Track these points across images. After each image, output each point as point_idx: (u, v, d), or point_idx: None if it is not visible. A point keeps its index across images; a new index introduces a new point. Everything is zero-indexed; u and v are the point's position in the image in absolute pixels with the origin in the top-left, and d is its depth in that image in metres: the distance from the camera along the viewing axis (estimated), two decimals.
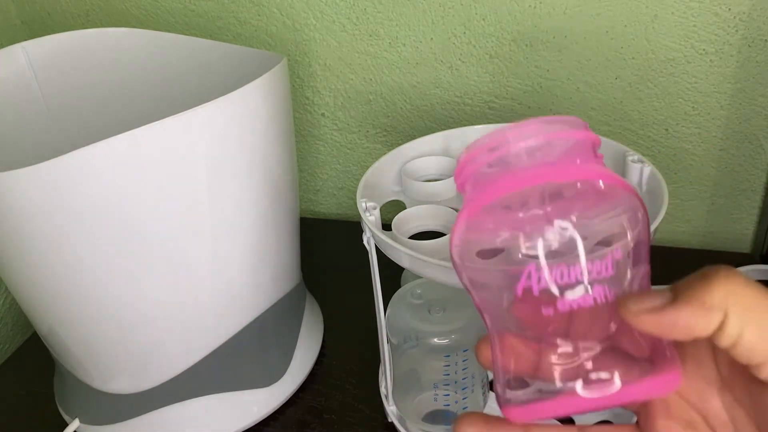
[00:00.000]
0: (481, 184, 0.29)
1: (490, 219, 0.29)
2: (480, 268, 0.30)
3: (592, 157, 0.29)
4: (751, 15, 0.67)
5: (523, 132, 0.28)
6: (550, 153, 0.28)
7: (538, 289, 0.28)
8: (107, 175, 0.45)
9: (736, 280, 0.26)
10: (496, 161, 0.29)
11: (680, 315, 0.26)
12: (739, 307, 0.25)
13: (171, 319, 0.54)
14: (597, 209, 0.28)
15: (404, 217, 0.52)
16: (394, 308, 0.54)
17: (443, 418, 0.56)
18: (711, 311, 0.25)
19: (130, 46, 0.67)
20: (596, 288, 0.28)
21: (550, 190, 0.28)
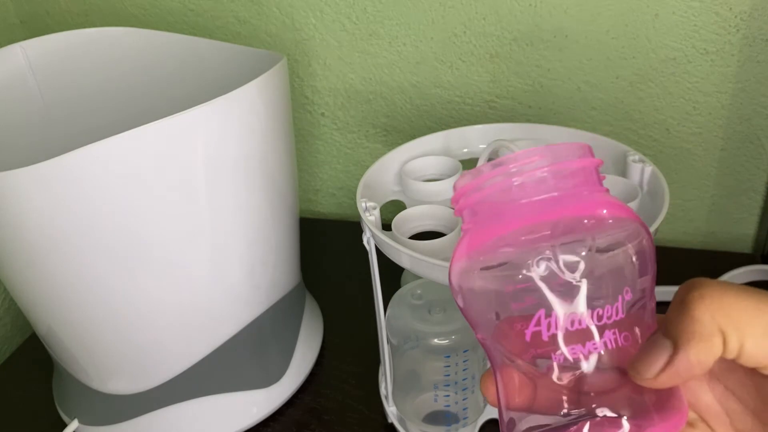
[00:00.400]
0: (483, 217, 0.28)
1: (492, 255, 0.28)
2: (482, 307, 0.29)
3: (596, 184, 0.29)
4: (752, 14, 0.67)
5: (526, 162, 0.27)
6: (554, 183, 0.27)
7: (548, 335, 0.27)
8: (106, 175, 0.45)
9: (712, 293, 0.26)
10: (497, 192, 0.28)
11: (691, 358, 0.25)
12: (728, 320, 0.25)
13: (170, 320, 0.54)
14: (604, 247, 0.27)
15: (404, 217, 0.52)
16: (394, 309, 0.54)
17: (443, 419, 0.56)
18: (712, 339, 0.25)
19: (129, 46, 0.67)
20: (607, 333, 0.27)
21: (555, 226, 0.27)
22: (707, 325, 0.25)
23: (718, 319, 0.25)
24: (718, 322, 0.25)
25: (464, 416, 0.56)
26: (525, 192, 0.27)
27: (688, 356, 0.25)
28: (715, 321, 0.25)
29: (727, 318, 0.25)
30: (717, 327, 0.25)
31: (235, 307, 0.58)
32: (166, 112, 0.46)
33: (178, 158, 0.48)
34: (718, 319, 0.25)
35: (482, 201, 0.28)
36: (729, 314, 0.25)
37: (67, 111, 0.67)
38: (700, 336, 0.25)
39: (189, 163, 0.48)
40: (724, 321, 0.25)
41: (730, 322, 0.25)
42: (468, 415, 0.56)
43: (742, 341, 0.25)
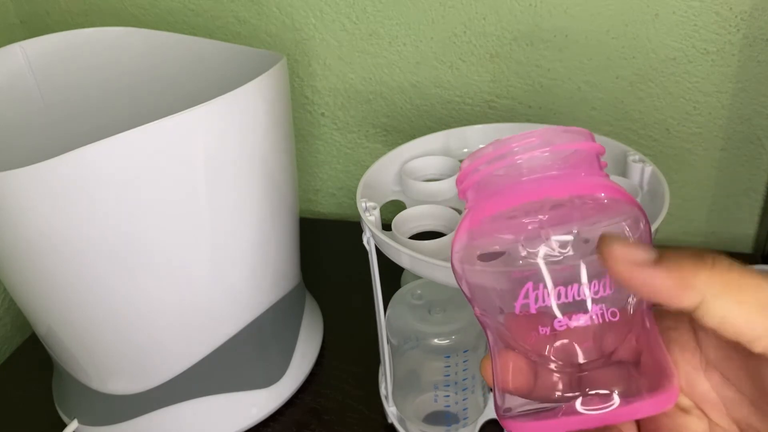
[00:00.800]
0: (484, 194, 0.29)
1: (491, 230, 0.29)
2: (479, 282, 0.30)
3: (596, 168, 0.29)
4: (753, 14, 0.67)
5: (527, 142, 0.28)
6: (554, 164, 0.28)
7: (536, 307, 0.27)
8: (106, 174, 0.45)
9: (722, 264, 0.25)
10: (499, 170, 0.29)
11: (655, 280, 0.25)
12: (722, 289, 0.25)
13: (170, 320, 0.54)
14: (599, 223, 0.28)
15: (404, 217, 0.52)
16: (394, 309, 0.54)
17: (443, 419, 0.56)
18: (687, 290, 0.25)
19: (129, 46, 0.67)
20: (595, 307, 0.27)
21: (552, 204, 0.28)
22: (697, 281, 0.25)
23: (712, 283, 0.25)
24: (710, 285, 0.25)
25: (464, 416, 0.55)
26: (525, 171, 0.28)
27: (654, 277, 0.26)
28: (707, 284, 0.25)
29: (721, 285, 0.25)
30: (704, 289, 0.25)
31: (235, 307, 0.58)
32: (166, 111, 0.46)
33: (178, 158, 0.48)
34: (711, 283, 0.25)
35: (483, 180, 0.29)
36: (726, 283, 0.25)
37: (66, 111, 0.67)
38: (682, 279, 0.25)
39: (189, 163, 0.48)
40: (716, 286, 0.25)
41: (723, 290, 0.25)
42: (468, 415, 0.56)
43: (727, 310, 0.25)
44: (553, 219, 0.27)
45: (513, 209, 0.28)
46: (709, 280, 0.25)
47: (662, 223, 0.46)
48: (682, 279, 0.25)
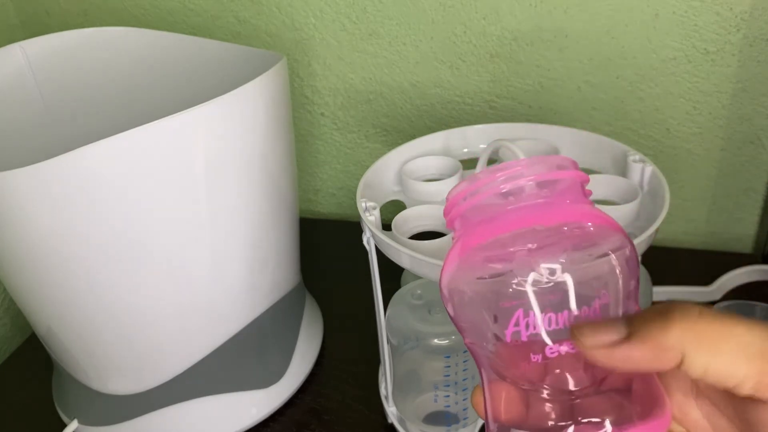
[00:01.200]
0: (472, 223, 0.29)
1: (480, 259, 0.29)
2: (469, 311, 0.30)
3: (581, 196, 0.30)
4: (753, 14, 0.67)
5: (513, 171, 0.29)
6: (540, 192, 0.29)
7: (527, 335, 0.27)
8: (106, 175, 0.45)
9: (690, 316, 0.26)
10: (486, 200, 0.29)
11: (633, 353, 0.26)
12: (698, 343, 0.25)
13: (170, 320, 0.54)
14: (586, 251, 0.28)
15: (404, 217, 0.52)
16: (394, 309, 0.54)
17: (443, 419, 0.56)
18: (667, 351, 0.26)
19: (129, 46, 0.67)
20: None
21: (540, 232, 0.28)
22: (671, 339, 0.26)
23: (686, 338, 0.25)
24: (686, 341, 0.25)
25: (464, 416, 0.55)
26: (512, 199, 0.29)
27: (631, 351, 0.26)
28: (683, 339, 0.25)
29: (697, 338, 0.26)
30: (681, 345, 0.25)
31: (235, 307, 0.58)
32: (166, 111, 0.46)
33: (178, 158, 0.48)
34: (686, 338, 0.25)
35: (470, 209, 0.30)
36: (700, 335, 0.26)
37: (67, 111, 0.67)
38: (658, 344, 0.26)
39: (189, 163, 0.48)
40: (692, 340, 0.25)
41: (700, 343, 0.25)
42: (468, 415, 0.56)
43: (707, 362, 0.25)
44: (542, 247, 0.28)
45: (501, 237, 0.28)
46: (683, 337, 0.25)
47: (662, 223, 0.46)
48: (657, 345, 0.26)
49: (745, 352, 0.25)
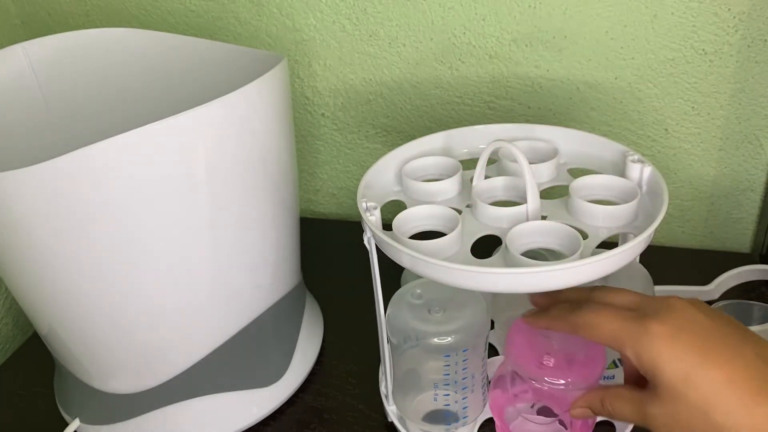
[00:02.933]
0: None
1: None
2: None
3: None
4: (751, 15, 0.67)
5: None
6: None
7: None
8: (107, 175, 0.46)
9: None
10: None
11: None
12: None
13: (171, 319, 0.54)
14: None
15: (404, 217, 0.52)
16: (393, 308, 0.54)
17: (443, 418, 0.56)
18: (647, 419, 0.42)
19: (130, 46, 0.67)
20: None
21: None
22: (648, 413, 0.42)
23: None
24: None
25: (464, 415, 0.56)
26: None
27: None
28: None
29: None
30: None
31: (236, 307, 0.58)
32: (167, 112, 0.46)
33: (178, 158, 0.48)
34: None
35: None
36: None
37: (68, 111, 0.67)
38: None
39: (190, 164, 0.49)
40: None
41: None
42: (468, 414, 0.56)
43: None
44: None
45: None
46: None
47: (661, 222, 0.46)
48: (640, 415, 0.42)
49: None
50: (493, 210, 0.51)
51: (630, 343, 0.40)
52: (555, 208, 0.52)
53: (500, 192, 0.55)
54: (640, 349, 0.40)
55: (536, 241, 0.49)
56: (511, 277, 0.43)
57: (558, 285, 0.44)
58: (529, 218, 0.50)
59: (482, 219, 0.52)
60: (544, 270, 0.43)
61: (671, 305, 0.41)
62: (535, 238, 0.49)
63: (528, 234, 0.49)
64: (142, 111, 0.68)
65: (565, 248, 0.48)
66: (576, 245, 0.46)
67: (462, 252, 0.49)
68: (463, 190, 0.56)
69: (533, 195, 0.50)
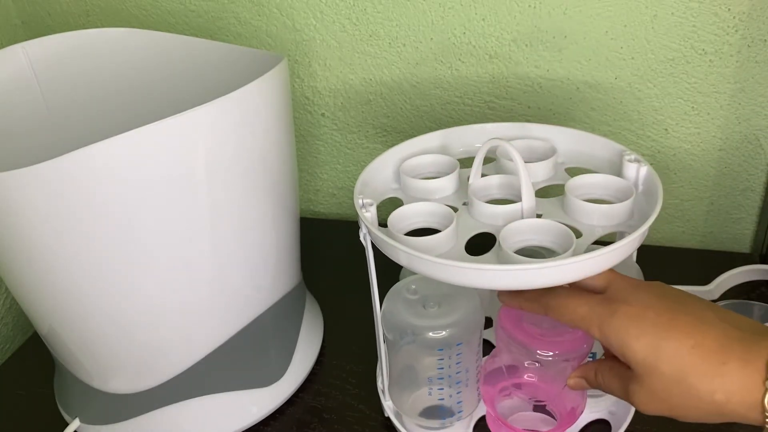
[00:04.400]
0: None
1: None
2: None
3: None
4: (751, 15, 0.67)
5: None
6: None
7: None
8: (107, 175, 0.46)
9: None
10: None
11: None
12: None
13: (171, 319, 0.54)
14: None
15: (400, 214, 0.53)
16: (389, 303, 0.55)
17: (438, 413, 0.56)
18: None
19: (130, 46, 0.67)
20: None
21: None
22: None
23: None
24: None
25: (459, 410, 0.56)
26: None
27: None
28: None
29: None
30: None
31: (236, 307, 0.58)
32: (167, 112, 0.46)
33: (179, 159, 0.48)
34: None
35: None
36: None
37: (68, 111, 0.67)
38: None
39: (190, 164, 0.49)
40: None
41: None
42: (463, 408, 0.56)
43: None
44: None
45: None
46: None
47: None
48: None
49: None
50: (488, 208, 0.51)
51: (597, 324, 0.42)
52: (551, 206, 0.53)
53: (496, 190, 0.56)
54: (608, 329, 0.41)
55: (530, 238, 0.49)
56: (503, 273, 0.43)
57: (549, 282, 0.44)
58: (524, 216, 0.50)
59: (478, 216, 0.52)
60: (535, 267, 0.43)
61: (634, 285, 0.44)
62: (529, 236, 0.49)
63: (521, 231, 0.49)
64: (142, 111, 0.68)
65: (559, 246, 0.48)
66: (569, 243, 0.46)
67: (456, 249, 0.49)
68: (460, 188, 0.57)
69: (528, 193, 0.50)
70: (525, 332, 0.51)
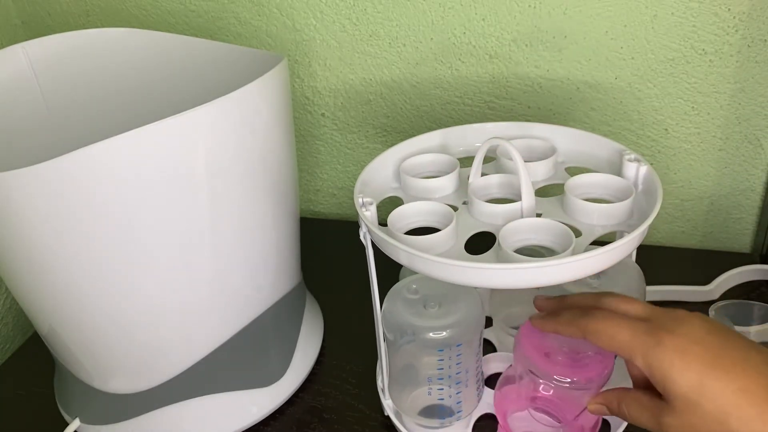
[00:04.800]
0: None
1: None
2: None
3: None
4: (751, 15, 0.67)
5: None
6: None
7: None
8: (107, 175, 0.46)
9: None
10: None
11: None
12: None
13: (171, 319, 0.54)
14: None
15: (400, 213, 0.53)
16: (389, 303, 0.54)
17: (438, 412, 0.56)
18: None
19: (130, 46, 0.67)
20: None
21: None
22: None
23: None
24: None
25: (458, 410, 0.56)
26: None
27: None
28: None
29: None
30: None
31: (236, 307, 0.58)
32: (167, 112, 0.46)
33: (179, 159, 0.48)
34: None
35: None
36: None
37: (68, 111, 0.67)
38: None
39: (190, 164, 0.49)
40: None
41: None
42: (462, 408, 0.56)
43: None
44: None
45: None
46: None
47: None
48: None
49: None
50: (487, 207, 0.51)
51: (642, 353, 0.41)
52: (551, 205, 0.53)
53: (496, 189, 0.56)
54: (652, 359, 0.40)
55: (529, 238, 0.49)
56: (502, 272, 0.43)
57: (549, 281, 0.44)
58: (524, 215, 0.50)
59: (477, 216, 0.52)
60: (534, 266, 0.43)
61: (680, 318, 0.42)
62: (528, 235, 0.49)
63: (521, 231, 0.49)
64: (142, 111, 0.68)
65: (559, 245, 0.48)
66: (569, 242, 0.46)
67: (456, 248, 0.49)
68: (460, 187, 0.57)
69: (528, 192, 0.50)
70: (543, 355, 0.50)
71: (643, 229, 0.46)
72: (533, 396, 0.53)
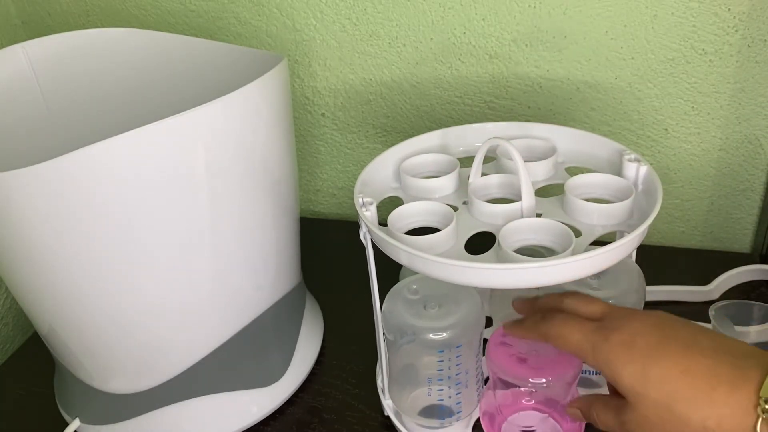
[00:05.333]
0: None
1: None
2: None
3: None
4: (751, 15, 0.67)
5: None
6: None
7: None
8: (107, 175, 0.46)
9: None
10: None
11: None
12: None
13: (171, 319, 0.54)
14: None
15: (400, 213, 0.53)
16: (390, 303, 0.54)
17: (438, 413, 0.56)
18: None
19: (130, 46, 0.67)
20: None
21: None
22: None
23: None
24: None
25: (458, 410, 0.56)
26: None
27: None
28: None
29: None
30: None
31: (236, 307, 0.58)
32: (167, 112, 0.46)
33: (179, 159, 0.48)
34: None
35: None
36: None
37: (68, 111, 0.67)
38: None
39: (190, 164, 0.49)
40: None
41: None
42: (462, 409, 0.56)
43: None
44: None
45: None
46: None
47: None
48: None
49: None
50: (487, 207, 0.51)
51: (591, 352, 0.42)
52: (551, 205, 0.53)
53: (496, 189, 0.56)
54: (599, 356, 0.42)
55: (529, 238, 0.49)
56: (502, 272, 0.44)
57: (549, 281, 0.44)
58: (524, 215, 0.50)
59: (477, 216, 0.52)
60: (534, 266, 0.43)
61: (630, 315, 0.43)
62: (528, 235, 0.49)
63: (521, 231, 0.49)
64: (142, 111, 0.68)
65: (559, 245, 0.48)
66: (569, 242, 0.46)
67: (456, 248, 0.49)
68: (461, 187, 0.57)
69: (528, 192, 0.50)
70: (510, 360, 0.51)
71: (643, 229, 0.46)
72: (517, 403, 0.55)
